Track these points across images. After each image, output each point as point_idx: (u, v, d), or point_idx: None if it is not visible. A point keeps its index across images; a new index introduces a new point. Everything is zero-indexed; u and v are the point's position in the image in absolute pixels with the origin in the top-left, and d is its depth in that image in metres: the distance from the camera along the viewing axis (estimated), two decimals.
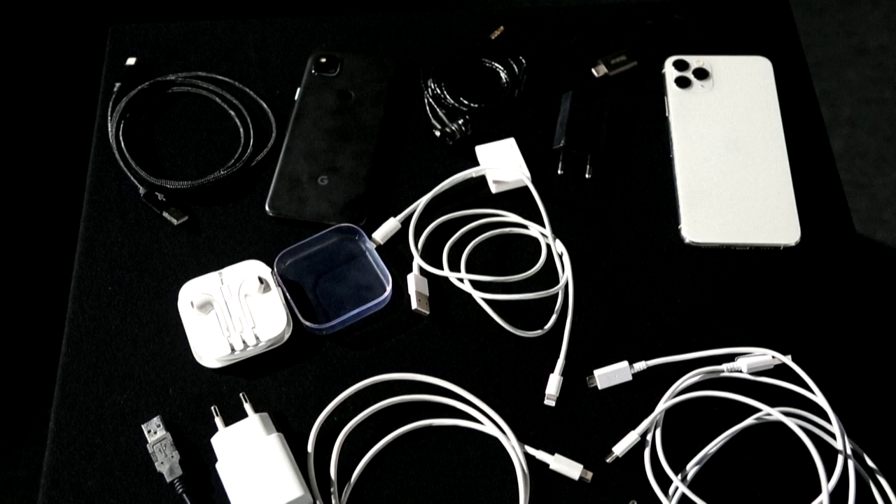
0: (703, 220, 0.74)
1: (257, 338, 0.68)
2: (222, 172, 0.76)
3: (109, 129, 0.78)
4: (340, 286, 0.72)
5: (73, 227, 0.75)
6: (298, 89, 0.80)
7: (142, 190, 0.75)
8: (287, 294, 0.70)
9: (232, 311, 0.69)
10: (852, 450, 0.64)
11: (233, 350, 0.67)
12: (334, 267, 0.73)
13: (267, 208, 0.75)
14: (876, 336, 0.70)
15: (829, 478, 0.61)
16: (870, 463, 0.64)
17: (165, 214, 0.74)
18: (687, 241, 0.74)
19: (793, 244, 0.73)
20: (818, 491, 0.61)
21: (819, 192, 0.76)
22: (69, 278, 0.72)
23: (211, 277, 0.70)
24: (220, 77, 0.82)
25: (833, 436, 0.64)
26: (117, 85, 0.80)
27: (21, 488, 1.23)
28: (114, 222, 0.75)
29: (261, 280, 0.70)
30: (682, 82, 0.81)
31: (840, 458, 0.62)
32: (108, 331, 0.70)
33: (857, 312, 0.71)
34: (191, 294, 0.70)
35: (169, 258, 0.73)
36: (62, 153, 1.46)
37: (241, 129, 0.79)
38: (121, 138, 0.78)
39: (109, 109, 0.79)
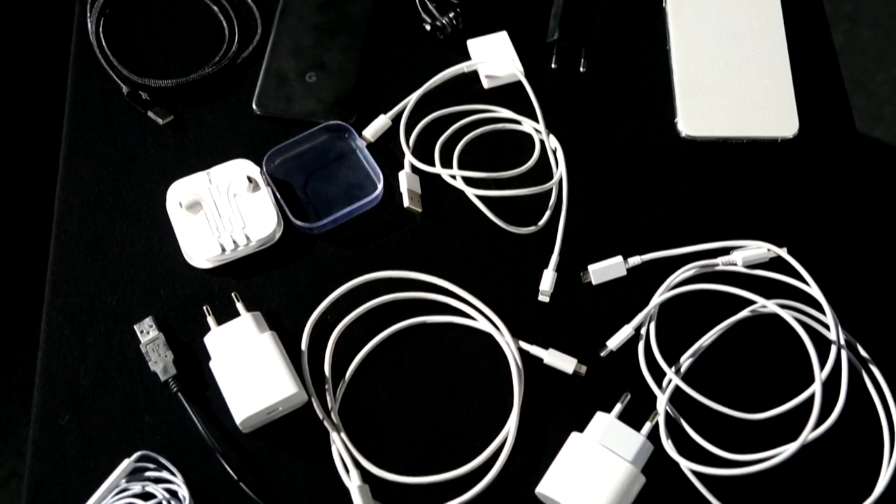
0: (699, 114, 0.73)
1: (248, 237, 0.67)
2: (207, 70, 0.74)
3: (89, 27, 0.76)
4: (331, 185, 0.71)
5: (57, 129, 0.74)
6: None
7: (125, 89, 0.73)
8: (277, 193, 0.69)
9: (221, 210, 0.68)
10: (846, 340, 0.64)
11: (223, 250, 0.67)
12: (324, 165, 0.72)
13: (254, 106, 0.73)
14: (870, 230, 0.70)
15: (822, 367, 0.61)
16: (863, 353, 0.64)
17: (150, 114, 0.73)
18: (683, 134, 0.72)
19: (790, 136, 0.72)
20: (811, 381, 0.62)
21: (819, 87, 0.75)
22: (55, 180, 0.71)
23: (199, 177, 0.69)
24: None
25: (827, 327, 0.64)
26: None
27: (19, 393, 1.24)
28: (97, 123, 0.73)
29: (250, 179, 0.69)
30: None
31: (833, 349, 0.62)
32: (95, 232, 0.69)
33: (853, 206, 0.70)
34: (179, 194, 0.68)
35: (155, 158, 0.72)
36: (40, 52, 1.42)
37: (226, 25, 0.77)
38: (101, 36, 0.75)
39: (88, 5, 0.76)
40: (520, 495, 0.61)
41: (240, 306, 0.65)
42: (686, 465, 0.61)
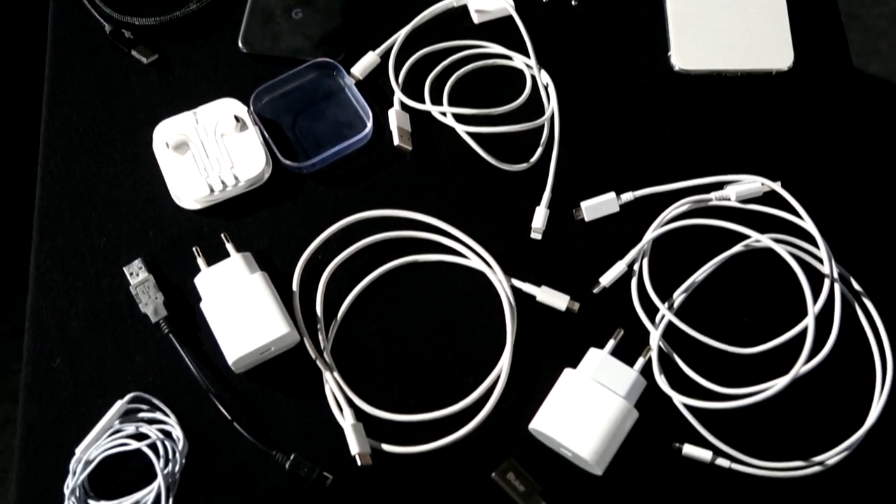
0: (693, 47, 0.71)
1: (236, 178, 0.66)
2: (192, 7, 0.73)
3: None
4: (320, 123, 0.70)
5: (39, 69, 0.72)
6: None
7: (107, 27, 0.72)
8: (265, 132, 0.68)
9: (209, 151, 0.67)
10: (839, 274, 0.64)
11: (212, 191, 0.66)
12: (313, 104, 0.70)
13: (240, 44, 0.72)
14: (865, 164, 0.69)
15: (815, 301, 0.61)
16: (856, 286, 0.64)
17: (134, 53, 0.71)
18: (677, 68, 0.71)
19: (785, 69, 0.71)
20: (804, 314, 0.61)
21: (815, 19, 0.73)
22: (38, 121, 0.70)
23: (185, 117, 0.68)
24: None
25: (821, 260, 0.64)
26: None
27: (11, 340, 1.24)
28: (80, 63, 0.72)
29: (237, 119, 0.68)
30: None
31: (826, 282, 0.62)
32: (82, 174, 0.68)
33: (848, 140, 0.70)
34: (165, 134, 0.67)
35: (140, 98, 0.71)
36: None
37: None
38: None
39: None
40: (513, 432, 0.61)
41: (230, 247, 0.65)
42: (679, 400, 0.61)
